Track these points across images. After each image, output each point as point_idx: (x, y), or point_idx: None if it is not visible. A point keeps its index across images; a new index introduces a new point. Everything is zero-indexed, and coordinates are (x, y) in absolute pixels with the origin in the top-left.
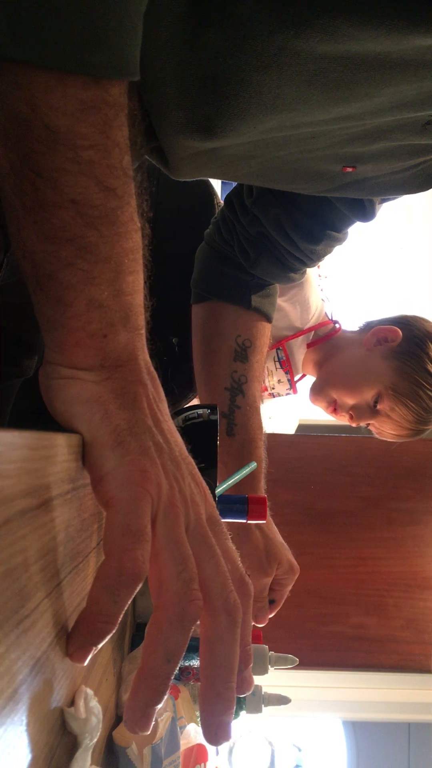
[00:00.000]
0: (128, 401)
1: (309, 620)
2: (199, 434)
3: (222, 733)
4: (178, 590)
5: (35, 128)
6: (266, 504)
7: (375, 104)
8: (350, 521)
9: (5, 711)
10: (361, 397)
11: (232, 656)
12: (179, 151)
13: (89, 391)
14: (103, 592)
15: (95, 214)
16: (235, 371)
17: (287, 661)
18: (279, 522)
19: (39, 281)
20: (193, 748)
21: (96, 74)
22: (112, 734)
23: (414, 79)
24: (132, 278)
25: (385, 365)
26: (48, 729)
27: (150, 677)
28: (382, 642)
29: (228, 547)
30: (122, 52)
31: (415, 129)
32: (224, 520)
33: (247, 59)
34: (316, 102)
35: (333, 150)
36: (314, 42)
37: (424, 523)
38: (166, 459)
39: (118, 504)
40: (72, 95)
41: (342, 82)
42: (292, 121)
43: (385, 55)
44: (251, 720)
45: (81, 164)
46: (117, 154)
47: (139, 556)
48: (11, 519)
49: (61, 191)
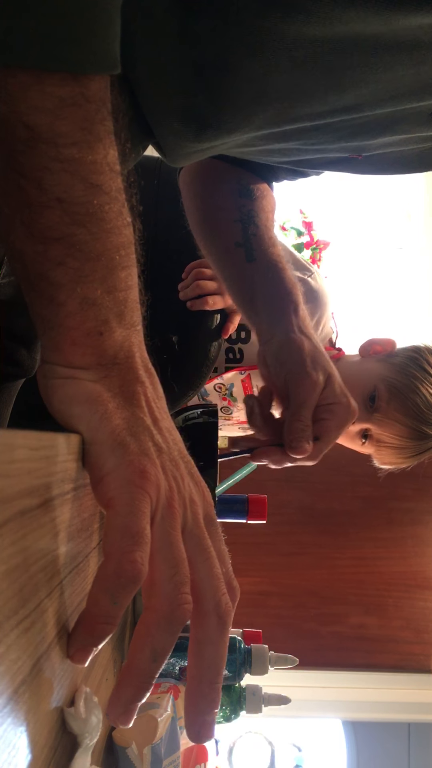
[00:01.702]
0: (127, 400)
1: (309, 620)
2: (199, 434)
3: (205, 732)
4: (169, 593)
5: (15, 128)
6: (266, 504)
7: (371, 92)
8: (350, 521)
9: (5, 711)
10: (359, 391)
11: (220, 658)
12: (177, 149)
13: (87, 390)
14: (103, 594)
15: (82, 212)
16: (243, 206)
17: (287, 661)
18: (279, 522)
19: (31, 282)
20: (193, 748)
21: (73, 70)
22: (112, 734)
23: (409, 62)
24: (125, 274)
25: (381, 365)
26: (48, 729)
27: (135, 675)
28: (382, 642)
29: (221, 549)
30: (99, 46)
31: (420, 120)
32: (224, 521)
33: (236, 45)
34: (309, 89)
35: (337, 144)
36: (301, 25)
37: (424, 523)
38: (165, 459)
39: (117, 505)
40: (50, 93)
41: (333, 68)
42: (289, 113)
43: (375, 37)
44: (251, 720)
45: (64, 162)
46: (101, 149)
47: (138, 558)
48: (11, 519)
49: (46, 190)
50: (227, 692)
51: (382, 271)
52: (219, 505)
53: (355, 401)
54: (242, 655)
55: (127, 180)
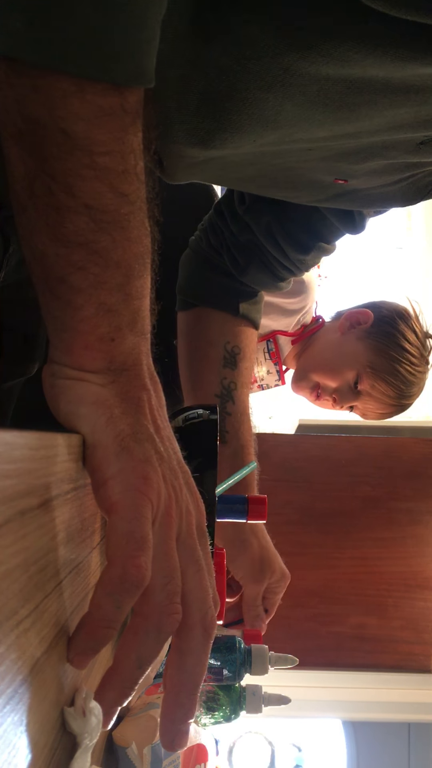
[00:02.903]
0: (132, 406)
1: (309, 620)
2: (199, 434)
3: (179, 741)
4: (160, 602)
5: (52, 133)
6: (266, 504)
7: (374, 125)
8: (350, 521)
9: (5, 711)
10: (343, 378)
11: (201, 669)
12: (176, 160)
13: (95, 393)
14: (107, 598)
15: (108, 219)
16: (225, 378)
17: (287, 661)
18: (279, 522)
19: (49, 283)
20: (193, 748)
21: (116, 81)
22: (112, 734)
23: (413, 103)
24: (140, 283)
25: (361, 346)
26: (48, 729)
27: (119, 680)
28: (382, 642)
29: (209, 563)
30: (141, 59)
31: (408, 148)
32: (224, 520)
33: (251, 78)
34: (318, 121)
35: (327, 163)
36: (319, 65)
37: (424, 523)
38: (165, 467)
39: (121, 510)
40: (91, 101)
41: (344, 104)
42: (291, 136)
43: (387, 80)
44: (251, 720)
45: (96, 170)
46: (132, 160)
47: (143, 563)
48: (11, 519)
49: (76, 196)
50: (227, 692)
51: (382, 271)
52: (219, 505)
53: (341, 386)
54: (242, 655)
55: (151, 190)
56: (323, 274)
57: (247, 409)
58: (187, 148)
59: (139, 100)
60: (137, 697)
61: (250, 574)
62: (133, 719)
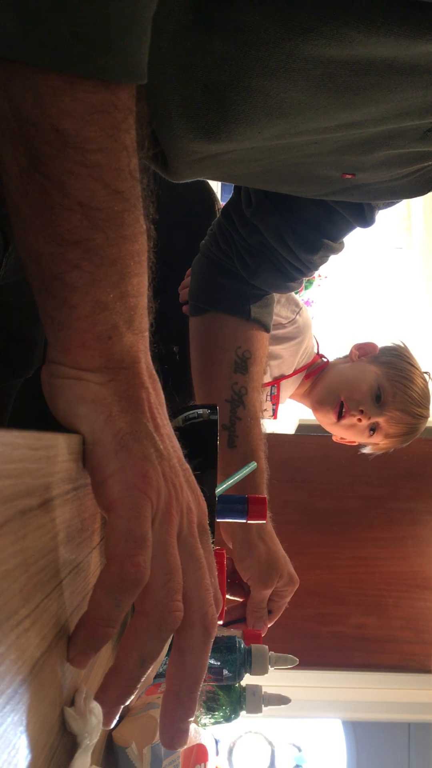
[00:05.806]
0: (131, 405)
1: (309, 620)
2: (199, 434)
3: (179, 739)
4: (161, 599)
5: (44, 131)
6: (266, 504)
7: (380, 111)
8: (350, 521)
9: (5, 711)
10: (367, 385)
11: (201, 668)
12: (182, 156)
13: (93, 392)
14: (106, 597)
15: (102, 217)
16: (236, 383)
17: (287, 661)
18: (279, 522)
19: (45, 283)
20: (193, 748)
21: (106, 78)
22: (112, 734)
23: (420, 84)
24: (137, 280)
25: (375, 366)
26: (48, 729)
27: (121, 678)
28: (382, 642)
29: (210, 560)
30: (132, 56)
31: (416, 136)
32: (224, 520)
33: (254, 66)
34: (323, 107)
35: (333, 156)
36: (322, 48)
37: (424, 523)
38: (165, 465)
39: (120, 508)
40: (81, 99)
41: (349, 87)
42: (297, 127)
43: (392, 59)
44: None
45: (89, 167)
46: (125, 157)
47: (142, 562)
48: (11, 519)
49: (69, 194)
50: (227, 692)
51: (381, 271)
52: (219, 505)
53: (364, 401)
54: (242, 655)
55: (146, 188)
56: (323, 275)
57: (257, 414)
58: (191, 143)
59: (131, 96)
60: (138, 696)
61: (258, 576)
62: (133, 719)
